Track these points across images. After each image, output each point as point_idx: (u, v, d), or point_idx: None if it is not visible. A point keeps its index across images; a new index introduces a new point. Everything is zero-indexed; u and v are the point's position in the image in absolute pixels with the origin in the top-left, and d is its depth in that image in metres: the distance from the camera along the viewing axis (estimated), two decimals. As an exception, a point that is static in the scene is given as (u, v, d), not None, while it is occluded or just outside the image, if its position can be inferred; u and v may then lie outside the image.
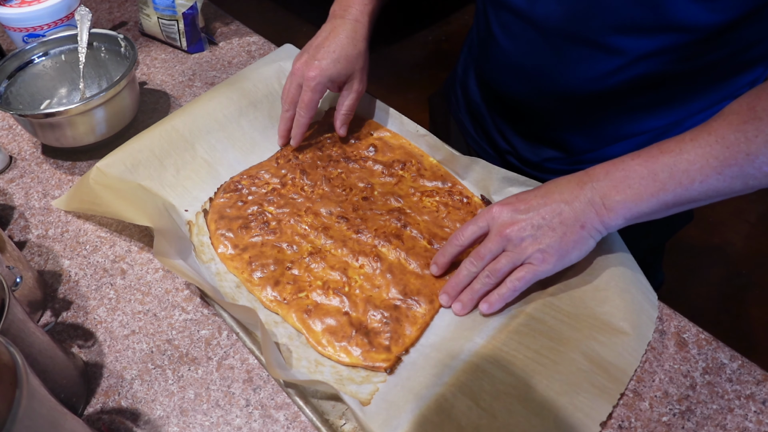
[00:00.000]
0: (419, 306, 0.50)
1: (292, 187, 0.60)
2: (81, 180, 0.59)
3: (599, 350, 0.45)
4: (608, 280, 0.49)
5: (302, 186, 0.61)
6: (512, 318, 0.48)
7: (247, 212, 0.58)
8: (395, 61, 2.25)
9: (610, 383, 0.44)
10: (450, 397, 0.42)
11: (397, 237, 0.55)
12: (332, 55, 0.60)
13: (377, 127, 0.67)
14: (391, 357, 0.47)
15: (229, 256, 0.54)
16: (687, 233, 1.62)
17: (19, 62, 0.69)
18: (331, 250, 0.54)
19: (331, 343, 0.48)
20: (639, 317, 0.48)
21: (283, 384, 0.46)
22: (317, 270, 0.53)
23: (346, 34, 0.61)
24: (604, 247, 0.50)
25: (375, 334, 0.48)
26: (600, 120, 0.58)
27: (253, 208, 0.58)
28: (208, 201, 0.60)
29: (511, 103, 0.64)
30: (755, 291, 1.47)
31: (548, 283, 0.49)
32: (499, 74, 0.62)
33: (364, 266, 0.53)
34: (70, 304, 0.54)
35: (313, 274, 0.53)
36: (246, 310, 0.46)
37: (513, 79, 0.60)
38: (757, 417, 0.44)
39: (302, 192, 0.60)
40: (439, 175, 0.61)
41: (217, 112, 0.65)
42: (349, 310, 0.50)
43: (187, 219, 0.58)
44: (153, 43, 0.86)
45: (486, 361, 0.44)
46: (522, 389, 0.43)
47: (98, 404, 0.47)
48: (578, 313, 0.47)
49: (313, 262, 0.53)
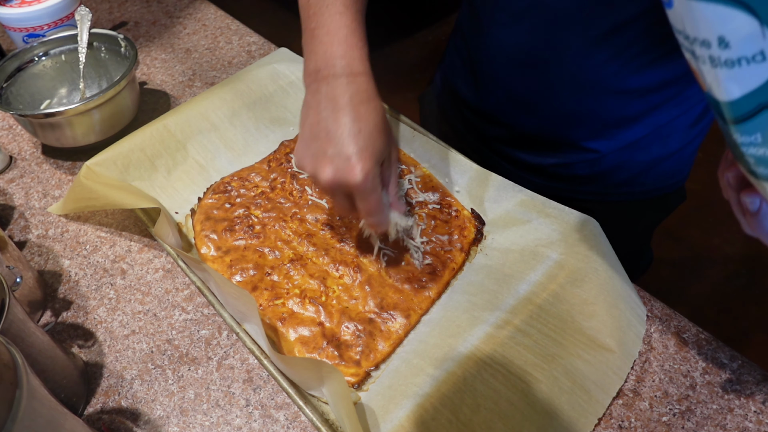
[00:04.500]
0: (394, 321, 0.49)
1: (281, 191, 0.60)
2: (73, 182, 0.59)
3: (583, 369, 0.45)
4: (597, 294, 0.48)
5: (291, 190, 0.60)
6: (498, 328, 0.47)
7: (234, 215, 0.57)
8: (395, 61, 2.25)
9: (589, 405, 0.44)
10: (431, 409, 0.42)
11: (378, 248, 0.54)
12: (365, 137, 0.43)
13: None
14: (360, 372, 0.46)
15: (211, 258, 0.54)
16: (687, 233, 1.64)
17: (19, 62, 0.69)
18: (312, 257, 0.54)
19: (301, 354, 0.47)
20: (626, 334, 0.47)
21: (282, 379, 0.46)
22: (296, 278, 0.52)
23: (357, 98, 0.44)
24: (594, 255, 0.50)
25: (347, 347, 0.48)
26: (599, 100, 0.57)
27: (240, 211, 0.57)
28: (197, 201, 0.60)
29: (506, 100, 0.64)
30: (755, 291, 1.47)
31: (538, 293, 0.49)
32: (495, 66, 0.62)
33: (343, 276, 0.52)
34: (70, 304, 0.54)
35: (292, 281, 0.52)
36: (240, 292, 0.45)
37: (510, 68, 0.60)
38: (757, 417, 0.44)
39: (290, 197, 0.59)
40: (430, 186, 0.60)
41: (210, 113, 0.65)
42: (323, 320, 0.49)
43: (177, 221, 0.58)
44: (153, 43, 0.86)
45: (469, 373, 0.44)
46: (503, 406, 0.43)
47: (98, 404, 0.47)
48: (565, 328, 0.47)
49: (293, 269, 0.53)
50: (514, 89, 0.61)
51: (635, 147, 0.60)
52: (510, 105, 0.63)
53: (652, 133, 0.59)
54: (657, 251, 0.80)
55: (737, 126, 0.31)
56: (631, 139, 0.60)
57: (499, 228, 0.56)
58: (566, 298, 0.48)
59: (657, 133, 0.59)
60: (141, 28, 0.89)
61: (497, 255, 0.54)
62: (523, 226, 0.54)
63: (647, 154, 0.61)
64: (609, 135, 0.60)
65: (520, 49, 0.57)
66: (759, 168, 0.32)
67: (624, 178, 0.64)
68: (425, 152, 0.63)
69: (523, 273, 0.50)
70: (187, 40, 0.86)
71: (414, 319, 0.50)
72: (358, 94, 0.45)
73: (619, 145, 0.60)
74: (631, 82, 0.54)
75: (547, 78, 0.57)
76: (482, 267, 0.53)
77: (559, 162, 0.64)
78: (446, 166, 0.61)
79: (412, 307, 0.50)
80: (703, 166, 1.91)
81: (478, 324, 0.47)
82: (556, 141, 0.63)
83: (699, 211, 1.64)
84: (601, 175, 0.64)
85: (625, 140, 0.60)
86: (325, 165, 0.43)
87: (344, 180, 0.43)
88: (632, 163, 0.62)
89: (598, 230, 0.51)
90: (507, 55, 0.59)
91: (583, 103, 0.57)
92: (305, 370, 0.43)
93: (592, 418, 0.44)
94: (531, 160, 0.66)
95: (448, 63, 0.73)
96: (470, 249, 0.55)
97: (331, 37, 0.46)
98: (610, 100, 0.56)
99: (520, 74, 0.59)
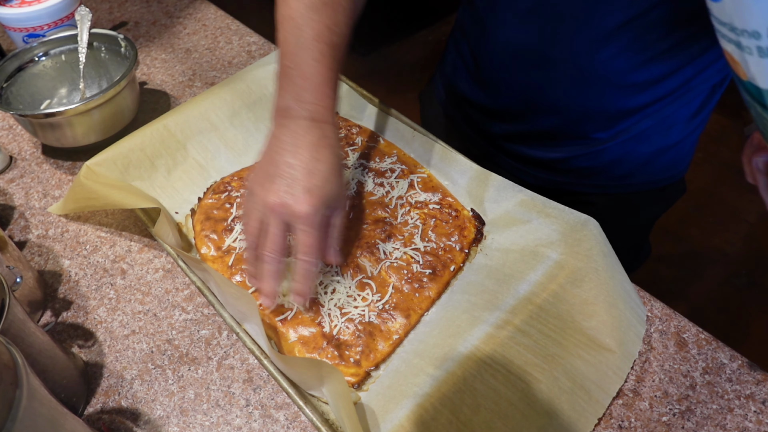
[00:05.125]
0: (394, 321, 0.49)
1: None
2: (73, 182, 0.59)
3: (583, 369, 0.45)
4: (597, 294, 0.48)
5: None
6: (498, 328, 0.47)
7: (233, 215, 0.57)
8: (395, 61, 2.25)
9: (589, 405, 0.44)
10: (431, 409, 0.42)
11: (378, 249, 0.54)
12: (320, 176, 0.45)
13: (371, 135, 0.66)
14: (360, 372, 0.46)
15: (211, 258, 0.54)
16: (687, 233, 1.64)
17: (19, 62, 0.69)
18: None
19: (301, 354, 0.47)
20: (626, 334, 0.47)
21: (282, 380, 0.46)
22: None
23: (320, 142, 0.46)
24: (594, 255, 0.50)
25: (347, 347, 0.48)
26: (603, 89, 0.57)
27: (240, 211, 0.57)
28: (197, 201, 0.60)
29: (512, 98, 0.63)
30: (755, 291, 1.47)
31: (538, 293, 0.49)
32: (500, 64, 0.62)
33: (343, 276, 0.52)
34: (70, 304, 0.54)
35: None
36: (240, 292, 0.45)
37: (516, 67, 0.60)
38: (757, 417, 0.44)
39: None
40: (431, 186, 0.60)
41: (210, 113, 0.65)
42: (323, 320, 0.49)
43: (177, 221, 0.58)
44: (153, 43, 0.86)
45: (469, 373, 0.44)
46: (503, 406, 0.43)
47: (98, 404, 0.47)
48: (565, 328, 0.47)
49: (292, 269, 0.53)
50: (521, 87, 0.61)
51: (638, 138, 0.61)
52: (516, 103, 0.63)
53: (655, 124, 0.59)
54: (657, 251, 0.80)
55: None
56: (635, 131, 0.60)
57: (499, 228, 0.56)
58: (566, 298, 0.48)
59: (660, 124, 0.59)
60: (141, 28, 0.89)
61: (497, 255, 0.54)
62: (523, 226, 0.54)
63: (649, 146, 0.62)
64: (613, 127, 0.60)
65: (527, 48, 0.57)
66: None
67: (626, 170, 0.64)
68: (425, 152, 0.63)
69: (523, 273, 0.50)
70: (187, 40, 0.86)
71: (414, 319, 0.50)
72: (322, 138, 0.46)
73: (623, 137, 0.60)
74: (637, 76, 0.54)
75: (554, 75, 0.57)
76: (482, 267, 0.53)
77: (561, 156, 0.65)
78: (446, 166, 0.61)
79: (412, 307, 0.50)
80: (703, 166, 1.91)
81: (478, 324, 0.47)
82: (561, 136, 0.63)
83: (699, 210, 1.64)
84: (603, 168, 0.64)
85: (629, 132, 0.60)
86: (278, 189, 0.44)
87: (291, 207, 0.44)
88: (635, 155, 0.62)
89: (598, 230, 0.51)
90: (512, 54, 0.59)
91: (590, 98, 0.58)
92: (305, 370, 0.43)
93: (592, 418, 0.44)
94: (533, 154, 0.67)
95: (449, 62, 0.73)
96: (470, 249, 0.55)
97: (304, 82, 0.47)
98: (616, 93, 0.56)
99: (527, 73, 0.59)
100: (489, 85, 0.65)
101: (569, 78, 0.57)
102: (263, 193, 0.45)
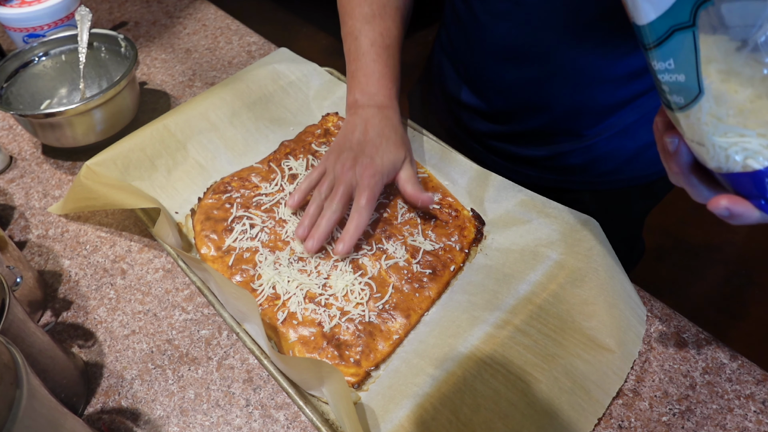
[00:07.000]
0: (394, 321, 0.49)
1: (280, 192, 0.60)
2: (73, 182, 0.59)
3: (583, 369, 0.45)
4: (597, 294, 0.48)
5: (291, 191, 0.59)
6: (498, 328, 0.47)
7: (233, 215, 0.57)
8: (395, 61, 2.24)
9: (589, 405, 0.44)
10: (431, 409, 0.42)
11: (378, 248, 0.54)
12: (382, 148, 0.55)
13: None
14: (360, 372, 0.46)
15: (211, 258, 0.54)
16: (687, 233, 1.63)
17: (19, 62, 0.69)
18: (312, 257, 0.54)
19: (301, 354, 0.47)
20: (626, 334, 0.47)
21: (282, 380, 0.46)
22: (296, 277, 0.52)
23: (384, 122, 0.57)
24: (594, 255, 0.50)
25: (347, 347, 0.47)
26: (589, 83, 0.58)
27: (240, 211, 0.57)
28: (197, 201, 0.60)
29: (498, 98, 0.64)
30: (755, 291, 1.47)
31: (538, 293, 0.49)
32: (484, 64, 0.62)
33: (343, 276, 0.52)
34: (70, 304, 0.54)
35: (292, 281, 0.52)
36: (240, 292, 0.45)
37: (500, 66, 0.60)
38: (757, 417, 0.44)
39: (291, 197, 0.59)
40: (430, 186, 0.60)
41: (210, 113, 0.65)
42: (323, 320, 0.49)
43: (177, 221, 0.58)
44: (153, 43, 0.86)
45: (469, 373, 0.44)
46: (503, 406, 0.43)
47: (98, 404, 0.47)
48: (565, 328, 0.47)
49: (292, 269, 0.52)
50: (506, 86, 0.62)
51: (624, 134, 0.61)
52: (503, 102, 0.64)
53: (640, 119, 0.60)
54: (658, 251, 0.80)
55: (653, 52, 0.32)
56: (621, 127, 0.61)
57: (499, 228, 0.56)
58: (566, 298, 0.48)
59: (644, 118, 0.60)
60: (141, 28, 0.89)
61: (497, 255, 0.54)
62: (523, 226, 0.54)
63: (635, 141, 0.62)
64: (599, 123, 0.61)
65: (507, 48, 0.58)
66: (673, 96, 0.32)
67: (613, 166, 0.65)
68: (425, 152, 0.63)
69: (523, 273, 0.50)
70: (187, 40, 0.86)
71: (414, 319, 0.50)
72: (384, 119, 0.57)
73: (609, 132, 0.61)
74: (617, 69, 0.55)
75: (538, 73, 0.58)
76: (482, 267, 0.53)
77: (549, 153, 0.65)
78: (446, 166, 0.61)
79: (412, 307, 0.50)
80: (703, 166, 1.89)
81: (478, 324, 0.47)
82: (549, 133, 0.64)
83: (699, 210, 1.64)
84: (591, 164, 0.65)
85: (615, 127, 0.61)
86: (347, 158, 0.54)
87: (357, 172, 0.54)
88: (621, 151, 0.63)
89: (598, 230, 0.51)
90: (495, 54, 0.60)
91: (574, 94, 0.59)
92: (305, 370, 0.43)
93: (592, 418, 0.44)
94: (522, 153, 0.67)
95: (435, 62, 0.74)
96: (470, 249, 0.55)
97: (366, 78, 0.59)
98: (599, 88, 0.57)
99: (510, 72, 0.60)
100: (476, 85, 0.66)
101: (552, 75, 0.58)
102: (336, 161, 0.55)
